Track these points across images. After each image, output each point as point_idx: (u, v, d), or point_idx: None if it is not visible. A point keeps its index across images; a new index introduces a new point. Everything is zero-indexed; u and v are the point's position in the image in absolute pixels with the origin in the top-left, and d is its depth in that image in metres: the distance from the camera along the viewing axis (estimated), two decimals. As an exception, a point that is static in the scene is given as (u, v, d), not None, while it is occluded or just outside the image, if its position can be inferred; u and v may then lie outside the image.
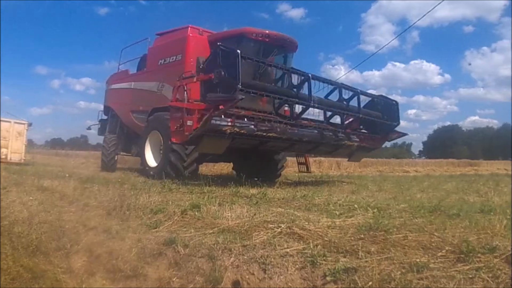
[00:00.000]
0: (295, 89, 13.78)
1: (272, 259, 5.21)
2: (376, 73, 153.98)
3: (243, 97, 12.07)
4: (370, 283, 4.50)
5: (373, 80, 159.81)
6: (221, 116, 12.05)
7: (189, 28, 17.19)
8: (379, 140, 17.83)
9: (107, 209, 8.07)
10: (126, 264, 5.64)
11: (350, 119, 15.90)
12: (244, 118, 12.96)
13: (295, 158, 21.53)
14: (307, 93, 13.57)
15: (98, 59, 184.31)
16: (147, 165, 16.79)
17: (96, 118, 25.59)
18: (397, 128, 17.56)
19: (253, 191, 10.57)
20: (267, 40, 15.36)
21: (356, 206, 8.25)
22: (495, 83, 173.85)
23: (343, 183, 14.13)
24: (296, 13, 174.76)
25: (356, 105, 15.38)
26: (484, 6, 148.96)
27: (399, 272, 4.65)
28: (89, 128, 27.69)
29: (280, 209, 7.95)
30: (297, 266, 5.08)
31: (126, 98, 20.90)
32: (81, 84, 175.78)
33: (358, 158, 19.55)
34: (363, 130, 16.88)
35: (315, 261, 5.02)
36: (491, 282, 4.34)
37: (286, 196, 9.79)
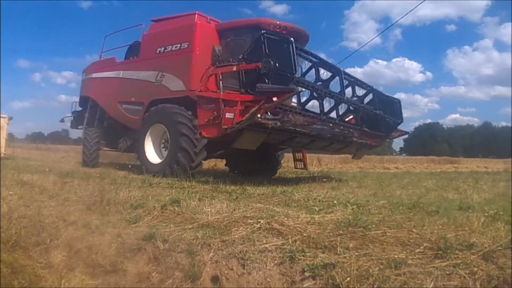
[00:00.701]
0: (320, 83, 13.80)
1: (251, 255, 5.23)
2: (358, 70, 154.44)
3: (303, 89, 12.46)
4: (348, 279, 4.52)
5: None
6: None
7: (197, 15, 16.29)
8: (382, 138, 17.88)
9: (87, 203, 8.02)
10: (106, 259, 5.63)
11: (351, 116, 15.60)
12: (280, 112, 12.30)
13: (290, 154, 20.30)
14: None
15: (80, 52, 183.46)
16: (148, 162, 15.51)
17: (70, 110, 24.40)
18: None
19: (233, 187, 10.57)
20: (284, 32, 14.49)
21: (335, 202, 8.30)
22: (476, 81, 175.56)
23: (324, 179, 14.08)
24: (279, 9, 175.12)
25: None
26: (467, 6, 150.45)
27: (377, 268, 4.68)
28: (62, 121, 25.30)
29: (260, 204, 7.99)
30: (276, 261, 5.10)
31: (112, 88, 19.52)
32: (63, 78, 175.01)
33: (361, 155, 19.57)
34: (364, 128, 15.91)
35: (294, 256, 5.05)
36: (468, 279, 4.39)
37: (266, 192, 9.81)
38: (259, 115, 11.23)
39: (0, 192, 8.73)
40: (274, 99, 11.36)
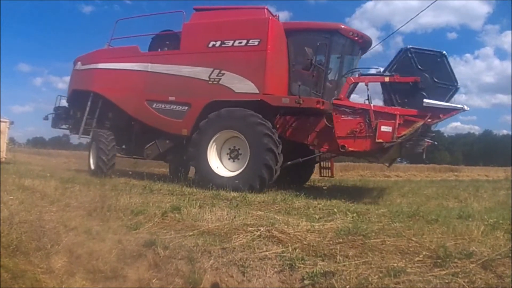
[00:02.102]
0: None
1: (251, 262, 5.26)
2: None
3: (468, 108, 11.77)
4: (348, 287, 4.55)
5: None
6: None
7: (266, 9, 14.52)
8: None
9: (88, 209, 8.03)
10: (106, 265, 5.65)
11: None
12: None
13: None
14: None
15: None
16: (213, 174, 13.28)
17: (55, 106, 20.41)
18: None
19: (234, 194, 10.56)
20: (360, 40, 14.41)
21: (335, 210, 8.30)
22: (478, 89, 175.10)
23: (324, 187, 14.05)
24: (281, 16, 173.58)
25: None
26: (468, 14, 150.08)
27: (377, 277, 4.70)
28: (46, 118, 20.68)
29: (260, 212, 7.98)
30: (275, 269, 5.12)
31: (135, 83, 16.14)
32: (64, 83, 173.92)
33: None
34: None
35: (294, 264, 5.08)
36: (467, 287, 4.40)
37: (266, 200, 9.79)
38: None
39: (0, 197, 8.73)
40: (442, 116, 11.42)
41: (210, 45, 14.37)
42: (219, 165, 13.55)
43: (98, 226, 6.94)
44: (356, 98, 14.16)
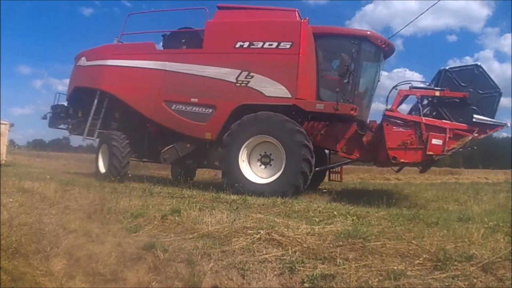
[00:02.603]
0: None
1: (251, 265, 5.26)
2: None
3: (509, 125, 11.99)
4: (348, 290, 4.54)
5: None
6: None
7: (297, 12, 14.10)
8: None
9: (88, 212, 8.03)
10: (106, 267, 5.64)
11: None
12: None
13: None
14: None
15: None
16: (246, 180, 12.70)
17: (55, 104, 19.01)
18: None
19: (234, 196, 10.56)
20: (386, 48, 14.34)
21: (335, 213, 8.30)
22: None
23: (323, 190, 14.02)
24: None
25: None
26: (468, 16, 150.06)
27: (377, 280, 4.70)
28: (44, 117, 19.43)
29: (260, 215, 7.96)
30: (275, 272, 5.12)
31: (151, 82, 15.20)
32: (64, 85, 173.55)
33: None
34: None
35: (294, 267, 5.07)
36: (467, 290, 4.41)
37: (266, 202, 9.78)
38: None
39: (0, 199, 8.73)
40: (489, 131, 11.67)
41: (238, 45, 13.85)
42: (249, 170, 13.05)
43: (97, 228, 6.94)
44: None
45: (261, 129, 12.74)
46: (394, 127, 11.92)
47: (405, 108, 13.37)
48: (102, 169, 15.91)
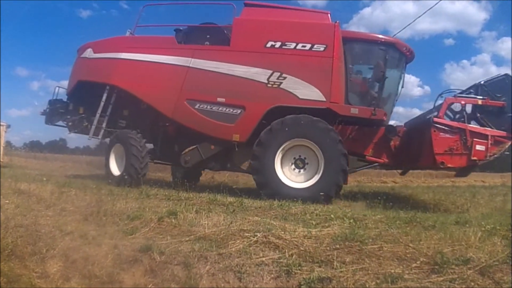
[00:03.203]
0: None
1: (248, 268, 5.25)
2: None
3: None
4: (345, 293, 4.54)
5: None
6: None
7: (329, 15, 13.90)
8: None
9: (84, 214, 8.00)
10: (102, 270, 5.63)
11: None
12: None
13: None
14: None
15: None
16: (283, 185, 12.36)
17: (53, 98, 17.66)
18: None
19: (230, 199, 10.55)
20: (410, 56, 14.40)
21: (332, 216, 8.31)
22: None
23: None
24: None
25: None
26: (465, 20, 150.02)
27: (374, 283, 4.71)
28: (43, 113, 17.59)
29: (257, 218, 7.96)
30: (272, 275, 5.11)
31: (172, 79, 14.29)
32: (61, 87, 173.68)
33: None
34: None
35: (290, 270, 5.07)
36: (464, 294, 4.41)
37: (263, 205, 9.78)
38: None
39: (-1, 201, 8.71)
40: None
41: (269, 45, 13.41)
42: (283, 175, 12.63)
43: (94, 231, 6.92)
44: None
45: (298, 132, 12.51)
46: (441, 133, 12.02)
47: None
48: (115, 171, 14.83)
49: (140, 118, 15.51)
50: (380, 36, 14.29)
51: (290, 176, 12.57)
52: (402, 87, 14.58)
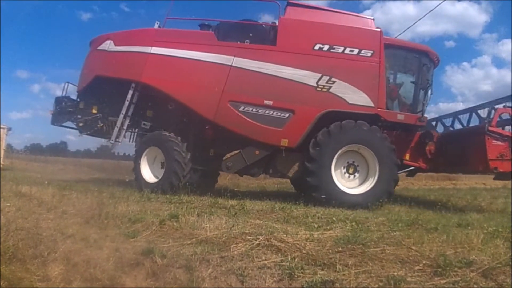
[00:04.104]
0: None
1: (250, 271, 5.23)
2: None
3: None
4: (348, 296, 4.53)
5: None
6: None
7: (373, 21, 13.87)
8: None
9: (85, 217, 7.97)
10: (104, 273, 5.60)
11: None
12: None
13: None
14: None
15: (79, 64, 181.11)
16: (339, 191, 12.21)
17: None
18: None
19: (232, 202, 10.54)
20: (437, 63, 14.71)
21: (334, 219, 8.34)
22: (475, 98, 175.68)
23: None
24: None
25: None
26: (466, 22, 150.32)
27: (376, 286, 4.70)
28: (54, 111, 15.79)
29: (259, 221, 7.99)
30: (274, 278, 5.10)
31: (213, 79, 13.42)
32: (62, 90, 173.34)
33: None
34: None
35: (293, 273, 5.06)
36: (467, 296, 4.41)
37: (264, 208, 9.80)
38: None
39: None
40: None
41: (317, 47, 13.04)
42: (338, 181, 12.47)
43: (95, 234, 6.89)
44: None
45: (356, 138, 12.45)
46: (493, 141, 12.25)
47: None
48: (149, 177, 13.87)
49: (169, 119, 14.43)
50: (415, 43, 14.69)
51: (341, 181, 12.51)
52: (432, 93, 14.59)
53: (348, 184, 12.54)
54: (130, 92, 14.13)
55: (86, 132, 15.27)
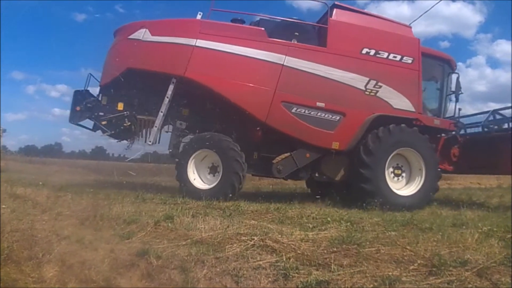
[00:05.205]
0: None
1: (245, 272, 5.23)
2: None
3: None
4: (342, 296, 4.54)
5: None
6: None
7: (411, 29, 14.30)
8: None
9: (80, 218, 7.96)
10: (99, 274, 5.59)
11: None
12: None
13: None
14: None
15: (74, 65, 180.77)
16: (394, 195, 12.28)
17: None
18: None
19: (227, 203, 10.54)
20: (454, 72, 14.93)
21: (329, 219, 8.36)
22: (470, 98, 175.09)
23: (317, 196, 13.93)
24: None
25: None
26: (460, 23, 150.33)
27: (371, 286, 4.71)
28: (78, 108, 13.67)
29: (254, 221, 8.00)
30: (269, 278, 5.10)
31: (265, 77, 12.73)
32: (57, 91, 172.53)
33: None
34: None
35: (288, 274, 5.06)
36: (462, 296, 4.43)
37: (259, 209, 9.81)
38: None
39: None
40: None
41: (364, 51, 13.03)
42: (393, 185, 12.57)
43: (90, 235, 6.88)
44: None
45: (404, 141, 12.59)
46: None
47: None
48: (198, 183, 12.71)
49: (210, 119, 13.53)
50: (440, 52, 15.12)
51: (391, 184, 12.55)
52: (451, 100, 14.88)
53: (396, 186, 12.68)
54: (171, 87, 12.94)
55: (110, 131, 13.65)
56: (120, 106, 13.48)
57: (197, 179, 12.70)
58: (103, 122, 13.45)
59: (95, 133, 13.85)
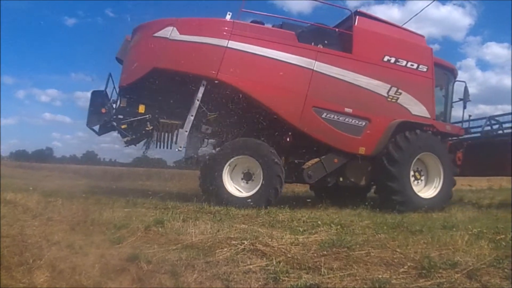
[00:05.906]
0: None
1: (235, 276, 5.22)
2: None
3: None
4: (333, 299, 4.54)
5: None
6: None
7: (424, 38, 14.93)
8: None
9: (71, 223, 7.94)
10: (89, 280, 5.58)
11: None
12: None
13: None
14: None
15: (64, 70, 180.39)
16: (417, 197, 12.73)
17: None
18: None
19: (217, 207, 10.53)
20: (461, 81, 16.13)
21: (319, 222, 8.39)
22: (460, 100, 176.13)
23: (307, 200, 13.94)
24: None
25: None
26: (450, 25, 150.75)
27: (361, 289, 4.70)
28: (104, 110, 12.81)
29: (244, 225, 8.02)
30: (260, 282, 5.09)
31: (296, 82, 12.62)
32: (47, 96, 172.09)
33: None
34: None
35: (278, 277, 5.05)
36: (452, 298, 4.44)
37: (250, 213, 9.82)
38: None
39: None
40: None
41: (385, 59, 13.38)
42: (416, 187, 13.15)
43: (81, 240, 6.86)
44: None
45: (423, 147, 13.11)
46: None
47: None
48: (233, 190, 12.16)
49: (239, 124, 12.80)
50: (444, 61, 15.64)
51: (415, 188, 13.06)
52: (452, 107, 15.88)
53: (416, 188, 13.04)
54: (201, 90, 12.24)
55: (130, 135, 12.84)
56: (142, 108, 12.73)
57: (232, 185, 12.20)
58: (123, 126, 12.68)
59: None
